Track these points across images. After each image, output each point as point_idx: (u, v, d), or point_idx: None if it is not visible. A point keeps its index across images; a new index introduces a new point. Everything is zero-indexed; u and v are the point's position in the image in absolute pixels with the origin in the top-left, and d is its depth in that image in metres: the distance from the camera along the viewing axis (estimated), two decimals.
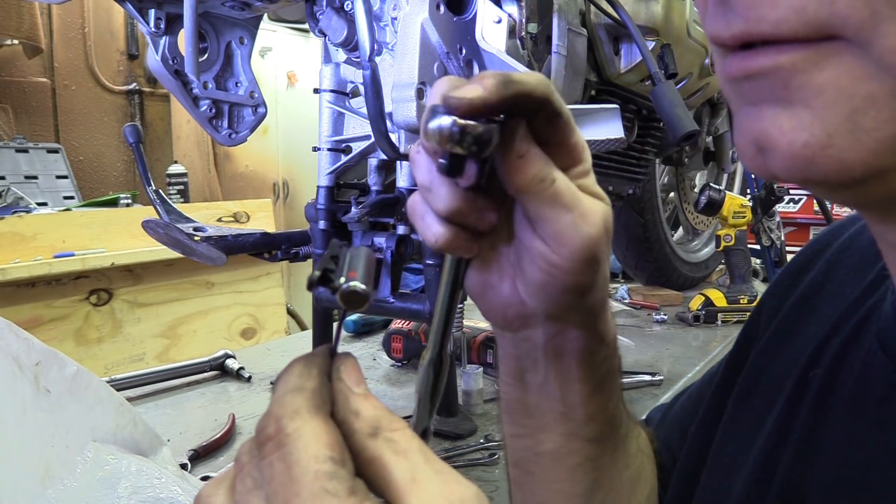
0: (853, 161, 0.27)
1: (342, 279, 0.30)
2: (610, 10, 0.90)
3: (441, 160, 0.35)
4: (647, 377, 1.14)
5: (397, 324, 1.24)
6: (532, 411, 0.48)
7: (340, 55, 0.83)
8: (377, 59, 0.70)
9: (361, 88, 0.79)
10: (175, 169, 3.23)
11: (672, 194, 1.88)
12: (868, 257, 0.45)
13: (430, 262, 0.80)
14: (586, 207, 0.38)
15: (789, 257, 1.96)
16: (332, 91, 0.85)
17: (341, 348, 0.33)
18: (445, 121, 0.33)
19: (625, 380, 1.13)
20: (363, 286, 0.29)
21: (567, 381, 0.46)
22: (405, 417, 0.30)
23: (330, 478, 0.27)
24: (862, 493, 0.36)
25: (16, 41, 3.08)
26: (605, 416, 0.48)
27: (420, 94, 0.65)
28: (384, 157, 0.82)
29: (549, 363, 0.45)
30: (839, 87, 0.27)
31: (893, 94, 0.26)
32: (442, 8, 0.66)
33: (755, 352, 0.50)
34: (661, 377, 1.15)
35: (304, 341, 1.43)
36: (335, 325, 0.47)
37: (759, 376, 0.48)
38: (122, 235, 2.26)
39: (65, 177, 3.03)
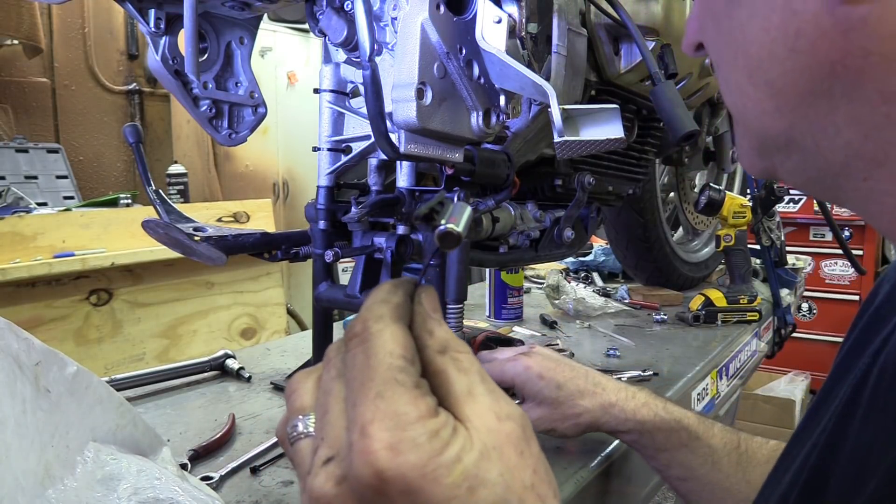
0: (750, 164, 0.43)
1: (443, 220, 0.36)
2: (610, 10, 0.90)
3: None
4: (639, 372, 1.15)
5: None
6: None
7: (340, 55, 0.83)
8: (377, 59, 0.70)
9: (361, 88, 0.79)
10: (175, 169, 3.24)
11: (672, 194, 1.87)
12: None
13: (431, 263, 0.80)
14: None
15: (789, 257, 1.96)
16: (332, 91, 0.85)
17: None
18: None
19: (623, 376, 1.13)
20: (458, 229, 0.36)
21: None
22: None
23: (400, 371, 0.32)
24: (863, 477, 0.38)
25: (16, 41, 3.08)
26: (684, 465, 0.71)
27: (420, 93, 0.65)
28: (384, 157, 0.82)
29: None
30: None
31: (737, 122, 0.42)
32: (442, 8, 0.66)
33: (833, 364, 0.54)
34: (651, 372, 1.15)
35: (304, 341, 1.43)
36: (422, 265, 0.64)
37: (831, 388, 0.51)
38: (122, 235, 2.26)
39: (65, 177, 3.03)
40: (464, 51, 0.68)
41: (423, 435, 0.30)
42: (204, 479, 0.75)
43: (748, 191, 2.07)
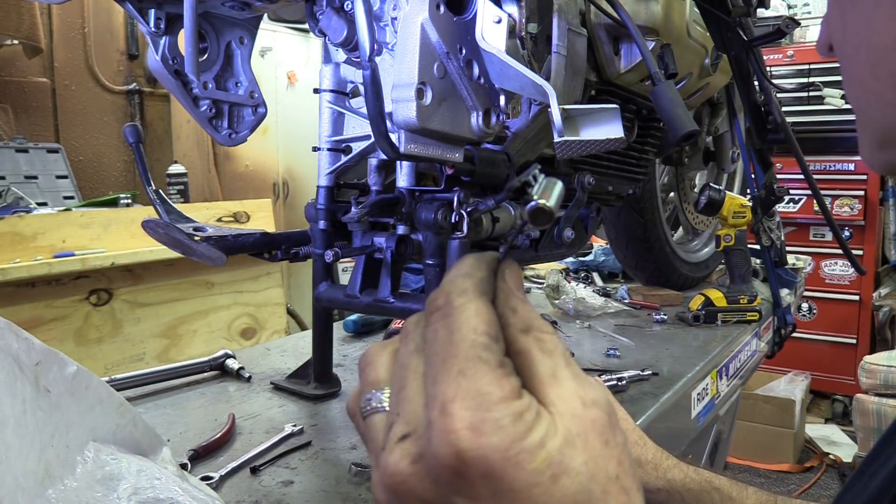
0: (870, 157, 0.43)
1: (535, 196, 0.35)
2: (610, 10, 0.90)
3: None
4: (639, 372, 1.15)
5: (397, 324, 1.24)
6: None
7: (340, 55, 0.83)
8: (377, 59, 0.70)
9: (361, 88, 0.79)
10: (175, 169, 3.23)
11: (672, 194, 1.88)
12: None
13: (430, 262, 0.80)
14: None
15: (789, 257, 1.96)
16: (332, 91, 0.85)
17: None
18: None
19: (622, 375, 1.13)
20: (550, 205, 0.35)
21: None
22: None
23: (484, 348, 0.31)
24: None
25: (16, 41, 3.08)
26: None
27: (420, 93, 0.65)
28: (384, 157, 0.82)
29: None
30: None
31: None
32: (442, 8, 0.66)
33: None
34: (651, 372, 1.15)
35: (304, 341, 1.43)
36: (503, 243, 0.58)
37: None
38: (122, 235, 2.26)
39: (65, 177, 3.03)
40: (464, 51, 0.68)
41: (506, 417, 0.29)
42: (204, 479, 0.75)
43: (748, 191, 2.06)
